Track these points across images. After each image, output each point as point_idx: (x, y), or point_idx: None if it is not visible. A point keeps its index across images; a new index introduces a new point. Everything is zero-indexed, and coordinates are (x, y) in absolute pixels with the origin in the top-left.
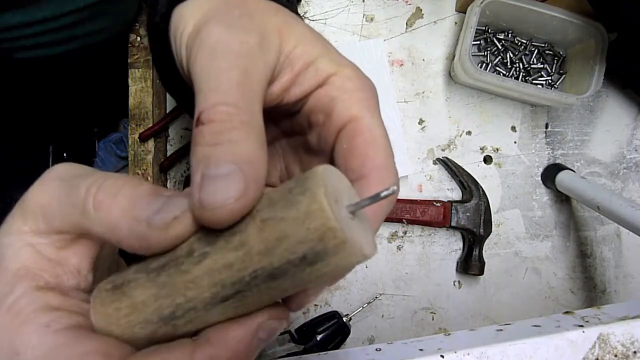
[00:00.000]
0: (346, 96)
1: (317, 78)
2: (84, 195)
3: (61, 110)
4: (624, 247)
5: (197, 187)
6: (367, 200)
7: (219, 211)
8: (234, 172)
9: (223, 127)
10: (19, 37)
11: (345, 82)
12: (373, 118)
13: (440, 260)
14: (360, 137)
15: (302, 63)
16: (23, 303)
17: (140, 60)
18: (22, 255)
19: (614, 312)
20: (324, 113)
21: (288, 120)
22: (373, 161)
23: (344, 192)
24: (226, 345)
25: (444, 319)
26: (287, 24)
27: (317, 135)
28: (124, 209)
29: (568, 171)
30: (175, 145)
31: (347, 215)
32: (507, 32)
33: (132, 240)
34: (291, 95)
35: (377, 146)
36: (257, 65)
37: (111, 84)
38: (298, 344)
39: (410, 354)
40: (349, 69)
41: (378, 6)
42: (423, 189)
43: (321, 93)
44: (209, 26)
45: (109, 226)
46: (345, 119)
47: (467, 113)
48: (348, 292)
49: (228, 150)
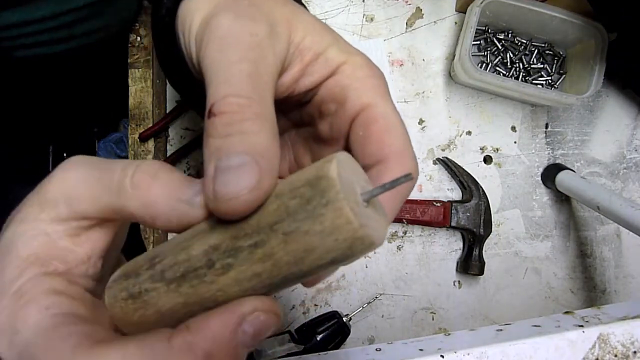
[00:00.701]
0: (358, 84)
1: (328, 68)
2: (119, 175)
3: (61, 110)
4: (624, 247)
5: (211, 178)
6: (380, 188)
7: (233, 202)
8: (247, 163)
9: (235, 118)
10: (18, 35)
11: (356, 71)
12: (387, 104)
13: (440, 260)
14: (375, 124)
15: (312, 53)
16: (29, 286)
17: (140, 60)
18: (34, 243)
19: (614, 312)
20: (336, 102)
21: (297, 110)
22: (390, 147)
23: (357, 179)
24: (205, 333)
25: (444, 319)
26: (295, 14)
27: (329, 125)
28: (166, 188)
29: (568, 171)
30: (175, 145)
31: (363, 204)
32: (507, 32)
33: (172, 217)
34: (301, 86)
35: (394, 132)
36: (267, 57)
37: (111, 84)
38: (298, 344)
39: (410, 354)
40: (358, 57)
41: (378, 6)
42: (423, 189)
43: (332, 82)
44: (218, 18)
45: (147, 203)
46: (358, 107)
47: (467, 113)
48: (348, 292)
49: (241, 142)
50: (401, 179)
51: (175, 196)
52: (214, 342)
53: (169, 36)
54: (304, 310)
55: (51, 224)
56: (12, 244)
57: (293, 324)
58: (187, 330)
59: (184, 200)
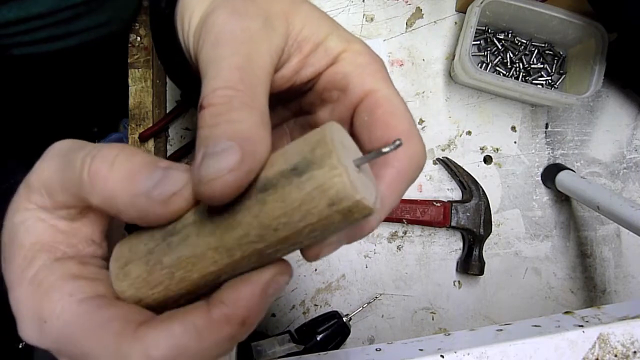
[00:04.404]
0: (359, 71)
1: (328, 57)
2: (79, 168)
3: (61, 110)
4: (624, 247)
5: (197, 165)
6: (373, 154)
7: (213, 183)
8: (230, 147)
9: (222, 109)
10: (15, 33)
11: (357, 58)
12: (389, 89)
13: (440, 260)
14: (380, 108)
15: (311, 44)
16: (44, 274)
17: (140, 60)
18: (35, 230)
19: (614, 312)
20: (339, 89)
21: (297, 100)
22: (396, 129)
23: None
24: (240, 304)
25: (444, 319)
26: (293, 5)
27: (331, 112)
28: (121, 180)
29: (568, 171)
30: (175, 145)
31: (355, 170)
32: (507, 32)
33: (131, 212)
34: (302, 77)
35: (399, 114)
36: (260, 50)
37: (111, 84)
38: (298, 344)
39: (410, 354)
40: (357, 44)
41: (378, 6)
42: (423, 189)
43: (334, 70)
44: (214, 16)
45: (107, 198)
46: (361, 93)
47: (467, 113)
48: (348, 292)
49: (227, 129)
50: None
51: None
52: (247, 309)
53: (168, 28)
54: (304, 310)
55: (42, 212)
56: (14, 234)
57: (293, 324)
58: (223, 304)
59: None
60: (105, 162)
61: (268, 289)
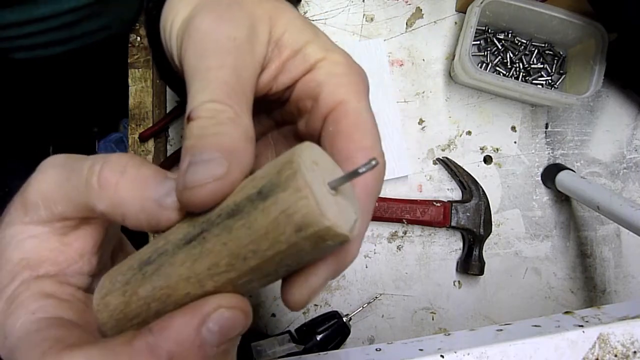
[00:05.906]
0: (334, 80)
1: (305, 64)
2: (86, 174)
3: (61, 110)
4: (624, 247)
5: (183, 171)
6: (345, 177)
7: (197, 190)
8: (217, 157)
9: (210, 122)
10: (16, 36)
11: (333, 67)
12: (360, 102)
13: (440, 260)
14: (345, 120)
15: (290, 50)
16: (20, 291)
17: (140, 60)
18: (23, 246)
19: (614, 312)
20: (311, 98)
21: (279, 109)
22: (359, 142)
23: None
24: (167, 334)
25: (444, 319)
26: (278, 9)
27: (306, 122)
28: (133, 187)
29: (568, 171)
30: (175, 145)
31: (330, 192)
32: (507, 32)
33: (141, 218)
34: (279, 84)
35: (363, 129)
36: (245, 61)
37: (111, 84)
38: (298, 344)
39: (410, 354)
40: (337, 54)
41: (378, 6)
42: (423, 189)
43: (308, 78)
44: (197, 20)
45: (115, 203)
46: (331, 104)
47: (467, 113)
48: (348, 292)
49: (213, 141)
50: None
51: (144, 195)
52: (177, 342)
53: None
54: (304, 310)
55: (37, 226)
56: (3, 248)
57: (293, 324)
58: (149, 332)
59: (153, 200)
60: (116, 169)
61: (207, 322)
